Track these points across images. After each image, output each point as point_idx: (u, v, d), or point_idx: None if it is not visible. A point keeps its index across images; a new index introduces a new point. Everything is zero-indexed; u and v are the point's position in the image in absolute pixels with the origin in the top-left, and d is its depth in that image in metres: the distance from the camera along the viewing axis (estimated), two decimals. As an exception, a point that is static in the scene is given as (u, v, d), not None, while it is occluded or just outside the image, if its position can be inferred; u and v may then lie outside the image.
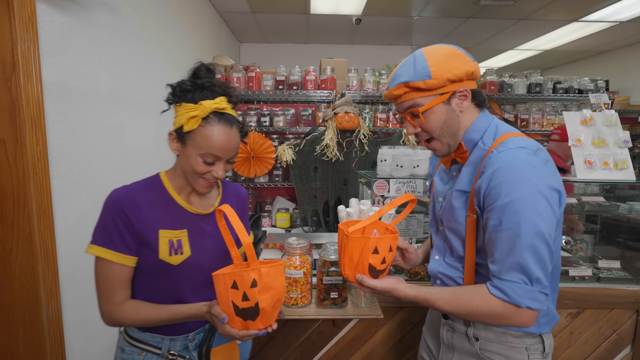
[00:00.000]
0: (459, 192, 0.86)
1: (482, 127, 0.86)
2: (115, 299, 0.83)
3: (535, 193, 0.73)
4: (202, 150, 0.81)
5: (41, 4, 1.26)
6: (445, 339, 0.96)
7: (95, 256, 0.82)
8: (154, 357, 0.87)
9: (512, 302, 0.74)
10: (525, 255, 0.73)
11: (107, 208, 0.84)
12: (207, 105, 0.80)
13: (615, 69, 4.83)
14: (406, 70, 0.83)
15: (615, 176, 1.66)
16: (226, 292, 0.75)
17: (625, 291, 1.53)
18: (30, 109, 1.22)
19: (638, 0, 3.15)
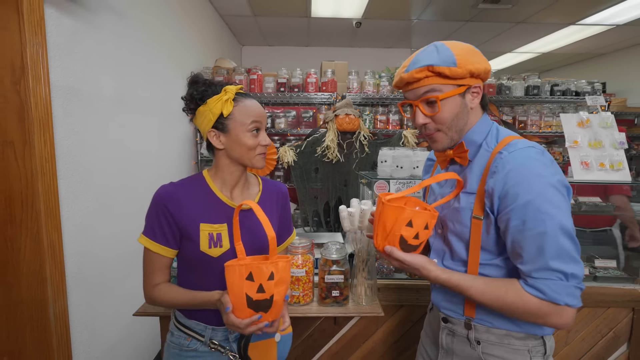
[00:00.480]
0: (465, 194, 0.85)
1: (484, 130, 0.87)
2: (153, 280, 0.92)
3: (552, 189, 0.73)
4: (247, 121, 0.89)
5: (49, 8, 1.29)
6: (445, 344, 0.93)
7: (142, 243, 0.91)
8: (197, 344, 0.93)
9: (549, 300, 0.72)
10: (555, 252, 0.72)
11: (153, 202, 0.90)
12: (231, 88, 0.90)
13: (612, 72, 4.87)
14: (429, 56, 0.81)
15: (611, 177, 1.69)
16: (240, 284, 0.77)
17: (622, 290, 1.55)
18: (39, 111, 1.25)
19: (635, 4, 3.19)
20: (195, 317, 0.94)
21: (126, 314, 1.71)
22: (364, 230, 1.28)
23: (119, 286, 1.68)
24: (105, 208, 1.58)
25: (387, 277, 1.55)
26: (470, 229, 0.84)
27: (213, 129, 0.90)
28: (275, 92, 2.88)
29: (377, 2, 3.26)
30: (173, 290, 0.91)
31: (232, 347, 0.94)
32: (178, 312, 0.97)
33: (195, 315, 0.94)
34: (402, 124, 3.01)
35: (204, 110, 0.89)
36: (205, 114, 0.89)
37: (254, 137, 0.90)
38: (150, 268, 0.91)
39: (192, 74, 0.95)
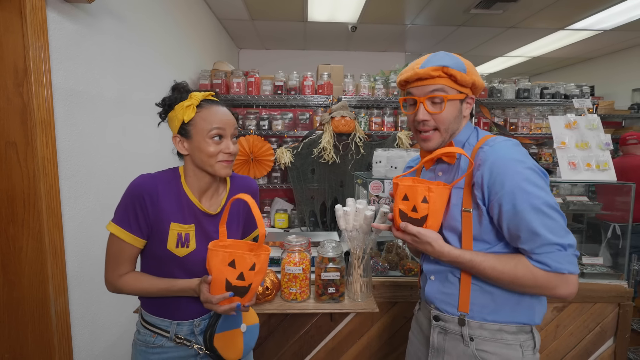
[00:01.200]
0: (455, 189, 0.91)
1: (468, 131, 0.96)
2: (120, 270, 0.91)
3: (532, 172, 0.81)
4: (207, 129, 0.88)
5: (52, 12, 1.32)
6: (436, 343, 0.94)
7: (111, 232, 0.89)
8: (163, 340, 0.94)
9: (555, 271, 0.78)
10: (549, 227, 0.78)
11: (129, 190, 0.89)
12: (197, 95, 0.91)
13: (600, 76, 4.99)
14: (444, 58, 0.88)
15: (598, 177, 1.75)
16: (221, 268, 0.81)
17: (608, 286, 1.61)
18: (41, 112, 1.28)
19: (621, 10, 3.29)
20: (160, 314, 0.95)
21: (126, 311, 1.73)
22: (360, 228, 1.32)
23: (118, 285, 1.70)
24: (106, 208, 1.60)
25: (382, 275, 1.59)
26: (462, 222, 0.89)
27: (178, 135, 0.92)
28: (273, 94, 2.92)
29: (372, 7, 3.33)
30: (145, 278, 0.91)
31: (198, 340, 0.96)
32: (143, 310, 0.98)
33: (160, 312, 0.95)
34: (396, 126, 3.06)
35: (172, 116, 0.92)
36: (173, 119, 0.92)
37: (215, 144, 0.89)
38: (118, 257, 0.90)
39: (174, 82, 0.97)
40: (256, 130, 2.90)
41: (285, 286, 1.36)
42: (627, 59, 4.59)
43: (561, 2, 3.14)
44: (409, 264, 1.60)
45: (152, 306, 0.96)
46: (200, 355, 0.96)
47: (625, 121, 4.50)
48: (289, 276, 1.34)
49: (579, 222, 2.91)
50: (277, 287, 1.40)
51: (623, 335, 1.63)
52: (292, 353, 1.52)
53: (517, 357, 0.86)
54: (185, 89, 0.94)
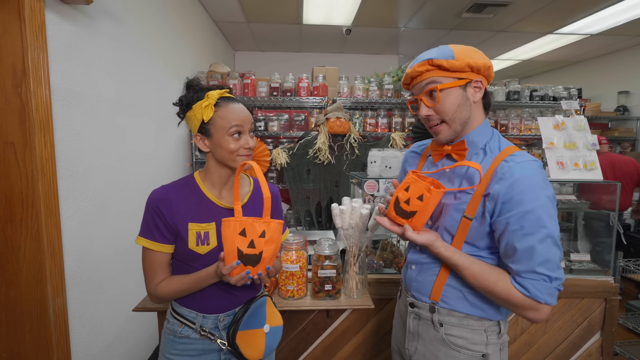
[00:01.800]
0: (462, 193, 0.90)
1: (486, 134, 0.92)
2: (157, 279, 0.95)
3: (550, 202, 0.81)
4: (226, 127, 0.92)
5: (50, 13, 1.33)
6: (412, 327, 1.01)
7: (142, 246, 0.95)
8: (189, 331, 0.97)
9: (532, 297, 0.80)
10: (544, 258, 0.80)
11: (147, 206, 0.95)
12: (213, 94, 0.93)
13: (587, 79, 5.12)
14: (430, 53, 0.88)
15: (585, 176, 1.81)
16: (233, 237, 0.84)
17: (595, 281, 1.66)
18: (39, 113, 1.29)
19: (606, 15, 3.39)
20: (188, 306, 0.98)
21: (124, 311, 1.74)
22: (355, 226, 1.35)
23: (117, 284, 1.70)
24: (103, 208, 1.61)
25: (377, 272, 1.62)
26: (458, 226, 0.90)
27: (198, 133, 0.95)
28: (269, 96, 2.95)
29: (366, 11, 3.38)
30: (176, 280, 0.95)
31: (222, 334, 0.98)
32: (174, 301, 1.01)
33: (188, 303, 0.98)
34: (390, 127, 3.11)
35: (191, 115, 0.95)
36: (192, 119, 0.95)
37: (235, 140, 0.93)
38: (152, 268, 0.95)
39: (188, 79, 1.00)
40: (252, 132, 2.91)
41: (282, 284, 1.38)
42: (613, 63, 4.72)
43: (549, 7, 3.22)
44: (403, 262, 1.64)
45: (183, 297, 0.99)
46: (224, 351, 0.99)
47: (611, 123, 4.62)
48: (286, 274, 1.37)
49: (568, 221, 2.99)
50: (275, 284, 1.42)
51: (610, 329, 1.69)
52: (289, 350, 1.54)
53: (482, 341, 0.92)
54: (200, 87, 0.96)
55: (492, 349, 0.92)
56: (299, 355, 1.55)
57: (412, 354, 1.01)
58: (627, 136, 4.36)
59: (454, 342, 0.93)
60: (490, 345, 0.92)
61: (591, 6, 3.20)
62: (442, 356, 0.94)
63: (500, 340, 0.94)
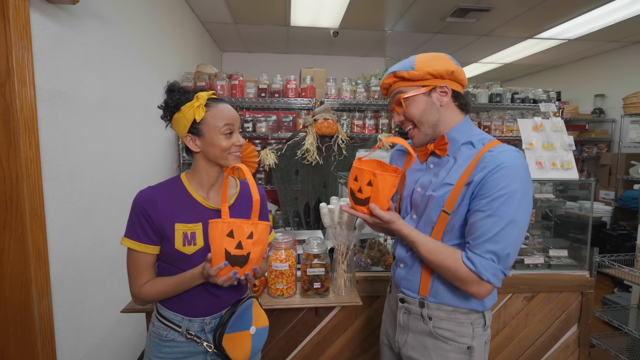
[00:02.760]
0: (444, 185, 0.94)
1: (466, 130, 0.97)
2: (141, 280, 0.95)
3: (526, 191, 0.85)
4: (220, 124, 0.94)
5: (35, 13, 1.32)
6: (402, 321, 1.05)
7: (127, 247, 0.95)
8: (175, 334, 0.97)
9: (476, 273, 0.86)
10: (501, 240, 0.84)
11: (133, 206, 0.95)
12: (203, 95, 0.95)
13: (565, 82, 5.31)
14: (396, 65, 0.98)
15: (562, 175, 1.89)
16: (220, 238, 0.85)
17: (572, 276, 1.74)
18: (24, 113, 1.27)
19: (582, 22, 3.54)
20: (173, 309, 0.98)
21: (110, 313, 1.72)
22: (343, 225, 1.38)
23: (103, 286, 1.69)
24: (89, 209, 1.60)
25: (365, 270, 1.65)
26: (437, 220, 0.95)
27: (189, 134, 0.96)
28: (256, 97, 2.96)
29: (353, 13, 3.43)
30: (160, 281, 0.95)
31: (208, 337, 0.98)
32: (159, 304, 1.00)
33: (174, 307, 0.98)
34: (377, 129, 3.16)
35: (179, 117, 0.95)
36: (180, 120, 0.95)
37: (227, 138, 0.96)
38: (136, 269, 0.95)
39: (169, 83, 1.01)
40: (240, 132, 2.91)
41: (272, 282, 1.40)
42: (590, 67, 4.91)
43: (529, 13, 3.34)
44: (390, 260, 1.68)
45: (168, 300, 0.99)
46: (210, 354, 0.99)
47: (588, 124, 4.81)
48: (275, 273, 1.39)
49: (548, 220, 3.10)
50: (264, 283, 1.44)
51: (586, 321, 1.77)
52: (278, 349, 1.55)
53: (468, 333, 0.97)
54: (185, 89, 0.98)
55: (477, 341, 0.97)
56: (288, 354, 1.57)
57: (402, 346, 1.05)
58: (603, 137, 4.54)
59: (442, 334, 0.98)
60: (475, 338, 0.97)
61: (569, 13, 3.34)
62: (431, 347, 0.99)
63: (486, 333, 0.99)
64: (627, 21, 3.50)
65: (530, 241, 2.40)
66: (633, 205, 3.71)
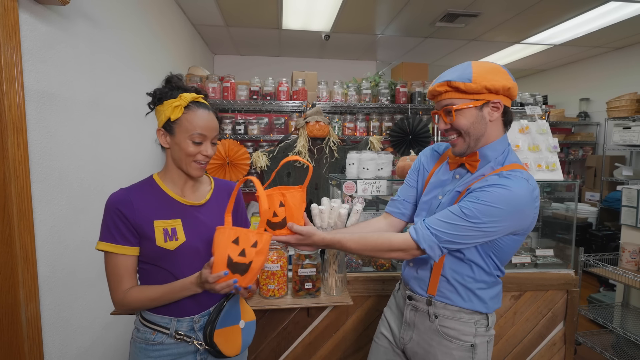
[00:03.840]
0: (453, 192, 0.98)
1: (500, 149, 0.97)
2: (123, 286, 0.93)
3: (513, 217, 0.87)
4: (190, 132, 0.93)
5: (24, 14, 1.31)
6: (408, 318, 1.09)
7: (103, 251, 0.92)
8: (163, 337, 0.96)
9: (415, 240, 0.93)
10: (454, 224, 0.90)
11: (106, 209, 0.93)
12: (186, 96, 0.94)
13: (552, 86, 5.44)
14: (451, 73, 0.93)
15: (547, 176, 1.94)
16: (225, 244, 0.85)
17: (558, 274, 1.79)
18: (12, 114, 1.26)
19: (567, 27, 3.64)
20: (159, 312, 0.96)
21: (99, 316, 1.70)
22: (334, 226, 1.39)
23: (92, 289, 1.67)
24: (79, 211, 1.58)
25: (356, 270, 1.67)
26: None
27: (162, 129, 0.96)
28: (248, 99, 2.97)
29: (344, 17, 3.47)
30: (147, 288, 0.93)
31: (198, 336, 0.98)
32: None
33: (159, 309, 0.96)
34: (368, 131, 3.20)
35: (160, 109, 0.96)
36: (160, 113, 0.96)
37: (195, 146, 0.93)
38: (117, 273, 0.92)
39: (170, 73, 1.00)
40: (232, 135, 2.92)
41: (263, 283, 1.41)
42: (575, 71, 5.05)
43: (516, 18, 3.43)
44: (381, 260, 1.70)
45: None
46: (200, 351, 0.98)
47: (574, 128, 4.93)
48: (267, 273, 1.39)
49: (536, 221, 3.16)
50: (256, 284, 1.44)
51: (571, 318, 1.81)
52: (270, 349, 1.56)
53: (471, 332, 1.01)
54: (178, 85, 0.97)
55: (479, 340, 1.01)
56: (280, 355, 1.57)
57: (407, 342, 1.09)
58: (589, 140, 4.66)
59: (447, 332, 1.01)
60: (478, 337, 1.01)
61: (554, 18, 3.43)
62: (436, 345, 1.02)
63: (488, 333, 1.03)
64: (610, 27, 3.61)
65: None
66: (618, 206, 3.81)
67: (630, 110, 3.61)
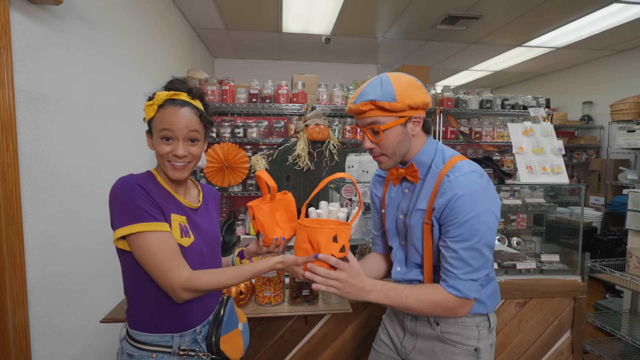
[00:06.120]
0: (418, 211, 0.97)
1: (431, 151, 0.98)
2: (181, 269, 0.82)
3: (487, 212, 0.88)
4: (159, 127, 0.87)
5: (15, 13, 1.29)
6: (410, 328, 1.07)
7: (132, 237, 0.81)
8: (165, 357, 0.88)
9: (463, 297, 0.90)
10: (475, 260, 0.89)
11: (123, 190, 0.84)
12: (160, 95, 0.88)
13: (554, 89, 5.40)
14: (373, 90, 0.90)
15: (552, 180, 1.89)
16: (327, 245, 0.87)
17: (564, 281, 1.73)
18: (1, 115, 1.23)
19: (569, 30, 3.61)
20: (158, 331, 0.89)
21: (92, 323, 1.66)
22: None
23: (85, 295, 1.62)
24: (71, 215, 1.54)
25: (356, 276, 1.62)
26: (423, 236, 0.97)
27: (147, 131, 0.93)
28: (248, 102, 2.94)
29: (345, 21, 3.45)
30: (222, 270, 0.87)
31: (202, 347, 0.94)
32: (133, 331, 0.90)
33: (158, 328, 0.89)
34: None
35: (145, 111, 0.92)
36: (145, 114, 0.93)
37: (165, 144, 0.88)
38: (169, 254, 0.81)
39: (172, 77, 0.96)
40: (231, 138, 2.89)
41: (259, 290, 1.36)
42: (578, 74, 5.01)
43: (517, 21, 3.40)
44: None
45: (145, 324, 0.89)
46: None
47: (577, 131, 4.88)
48: (263, 280, 1.35)
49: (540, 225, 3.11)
50: (251, 291, 1.40)
51: (579, 327, 1.75)
52: (266, 358, 1.50)
53: (474, 335, 1.00)
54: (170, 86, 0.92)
55: (483, 343, 1.01)
56: (276, 364, 1.52)
57: (409, 351, 1.07)
58: (592, 144, 4.60)
59: (450, 338, 1.00)
60: (481, 340, 1.00)
61: (556, 21, 3.40)
62: (439, 351, 1.01)
63: (491, 335, 1.03)
64: (613, 30, 3.58)
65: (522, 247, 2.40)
66: (623, 210, 3.75)
67: (635, 113, 3.56)
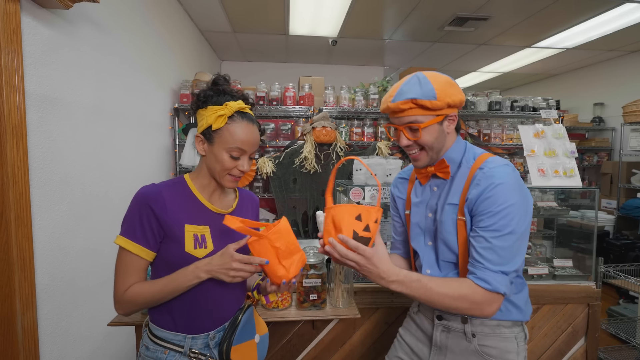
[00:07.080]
0: (450, 206, 0.95)
1: (461, 149, 0.99)
2: (127, 283, 0.87)
3: (522, 204, 0.87)
4: (230, 145, 0.89)
5: (27, 17, 1.30)
6: (439, 341, 1.00)
7: (119, 245, 0.87)
8: (176, 355, 0.90)
9: (493, 290, 0.85)
10: (506, 252, 0.85)
11: (135, 202, 0.88)
12: (232, 105, 0.89)
13: (564, 91, 5.32)
14: (413, 89, 0.90)
15: (565, 183, 1.85)
16: (350, 221, 0.84)
17: (578, 287, 1.69)
18: (12, 118, 1.24)
19: (580, 30, 3.55)
20: (172, 328, 0.91)
21: (99, 326, 1.66)
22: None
23: (93, 298, 1.63)
24: (80, 218, 1.55)
25: (363, 281, 1.60)
26: (457, 232, 0.94)
27: (201, 135, 0.92)
28: (255, 105, 2.94)
29: (351, 23, 3.44)
30: (147, 283, 0.87)
31: (213, 353, 0.93)
32: (153, 325, 0.93)
33: (173, 326, 0.91)
34: (376, 137, 3.13)
35: (202, 114, 0.91)
36: (202, 117, 0.91)
37: (232, 160, 0.90)
38: (125, 271, 0.87)
39: (217, 74, 0.96)
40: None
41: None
42: (589, 76, 4.93)
43: (526, 22, 3.36)
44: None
45: (164, 320, 0.92)
46: None
47: (588, 133, 4.79)
48: (270, 284, 1.33)
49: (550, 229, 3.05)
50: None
51: (593, 334, 1.70)
52: (274, 364, 1.49)
53: (514, 348, 0.95)
54: (224, 89, 0.92)
55: (520, 357, 0.96)
56: (284, 369, 1.50)
57: None
58: (604, 146, 4.52)
59: (488, 352, 0.94)
60: (520, 353, 0.95)
61: (566, 22, 3.35)
62: None
63: (525, 347, 0.98)
64: (625, 30, 3.51)
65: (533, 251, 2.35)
66: (636, 214, 3.66)
67: (648, 114, 3.48)
